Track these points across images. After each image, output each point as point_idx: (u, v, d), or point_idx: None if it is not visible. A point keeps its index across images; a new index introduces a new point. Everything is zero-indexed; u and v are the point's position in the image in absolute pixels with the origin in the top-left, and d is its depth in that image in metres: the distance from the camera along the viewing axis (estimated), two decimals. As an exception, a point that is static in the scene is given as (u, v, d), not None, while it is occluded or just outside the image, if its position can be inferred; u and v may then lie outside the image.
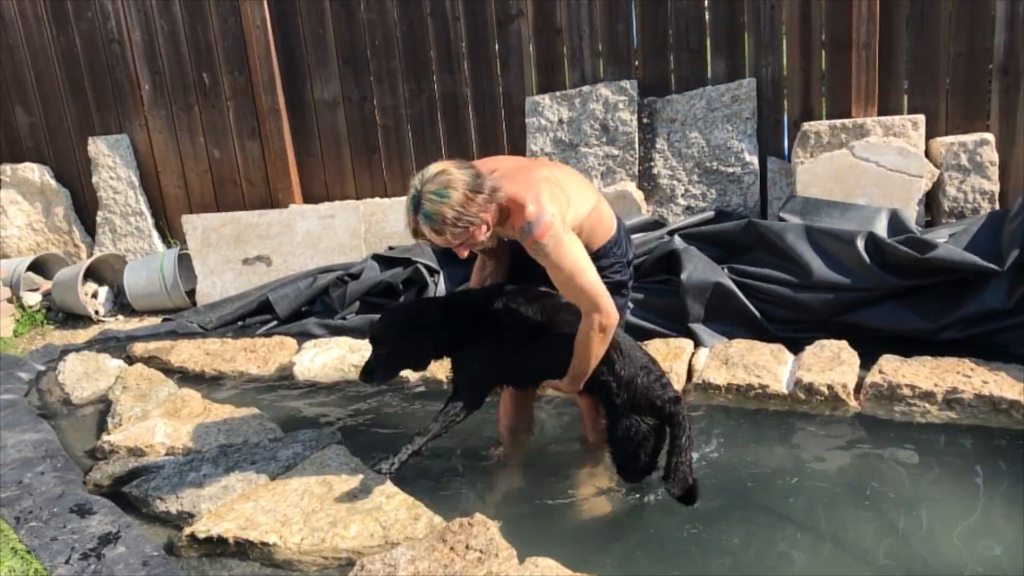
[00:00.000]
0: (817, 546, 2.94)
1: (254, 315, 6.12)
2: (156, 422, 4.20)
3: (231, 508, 3.34)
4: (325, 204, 6.59)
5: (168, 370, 5.19)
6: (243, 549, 3.13)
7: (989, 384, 3.77)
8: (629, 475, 3.33)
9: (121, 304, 6.93)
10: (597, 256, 3.40)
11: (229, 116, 6.87)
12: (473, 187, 3.00)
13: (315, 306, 6.02)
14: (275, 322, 5.97)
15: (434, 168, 3.03)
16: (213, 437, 4.03)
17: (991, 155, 5.14)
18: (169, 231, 7.24)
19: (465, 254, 3.20)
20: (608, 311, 3.13)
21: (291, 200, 6.76)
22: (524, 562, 2.76)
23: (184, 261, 6.68)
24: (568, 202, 3.20)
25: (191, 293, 6.61)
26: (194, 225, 6.60)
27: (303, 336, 5.61)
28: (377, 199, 6.56)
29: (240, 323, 6.10)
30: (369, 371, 3.43)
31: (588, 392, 3.40)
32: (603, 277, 3.28)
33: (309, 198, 6.83)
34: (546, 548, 2.91)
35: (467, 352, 3.40)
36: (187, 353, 5.38)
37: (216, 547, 3.16)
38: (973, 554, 2.81)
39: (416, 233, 3.07)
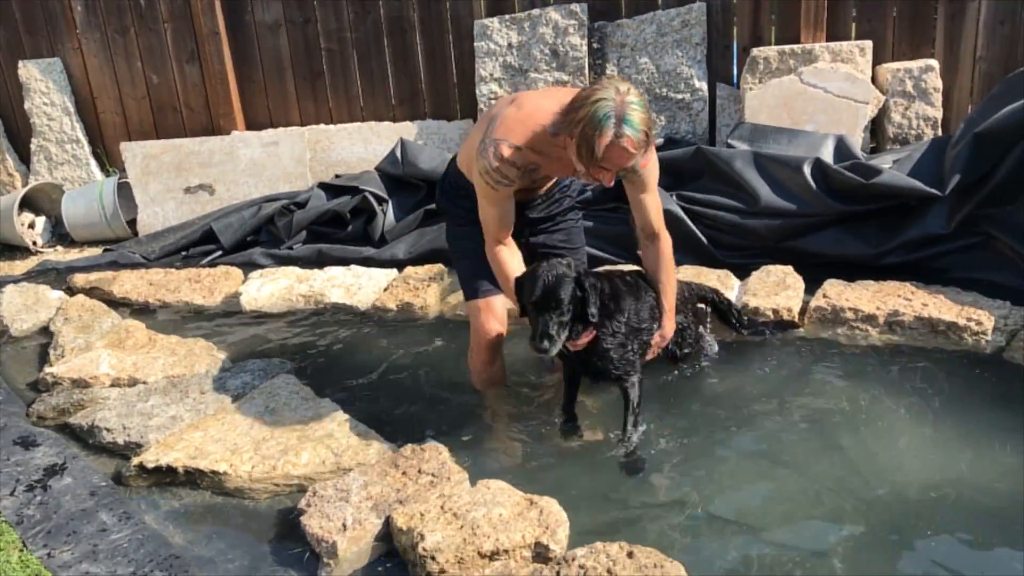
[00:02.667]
0: (763, 464, 3.01)
1: (198, 245, 6.01)
2: (100, 353, 4.13)
3: (180, 438, 3.31)
4: (269, 131, 6.45)
5: (111, 301, 5.09)
6: (193, 478, 3.11)
7: (929, 307, 3.86)
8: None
9: (60, 234, 6.76)
10: None
11: (167, 39, 6.64)
12: None
13: (260, 235, 5.94)
14: (219, 252, 5.87)
15: (618, 81, 2.72)
16: (160, 368, 3.98)
17: (935, 81, 5.19)
18: (107, 159, 7.03)
19: (612, 182, 2.90)
20: None
21: (233, 127, 6.59)
22: (476, 484, 2.79)
23: (124, 190, 6.51)
24: None
25: (132, 223, 6.46)
26: (133, 153, 6.42)
27: (249, 266, 5.54)
28: (322, 126, 6.43)
29: (183, 253, 6.00)
30: (549, 337, 2.92)
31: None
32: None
33: (252, 125, 6.67)
34: (497, 473, 2.95)
35: (617, 329, 3.15)
36: (130, 284, 5.28)
37: (165, 477, 3.14)
38: (911, 469, 2.90)
39: (605, 154, 2.70)
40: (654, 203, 3.19)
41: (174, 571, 2.58)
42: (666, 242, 3.26)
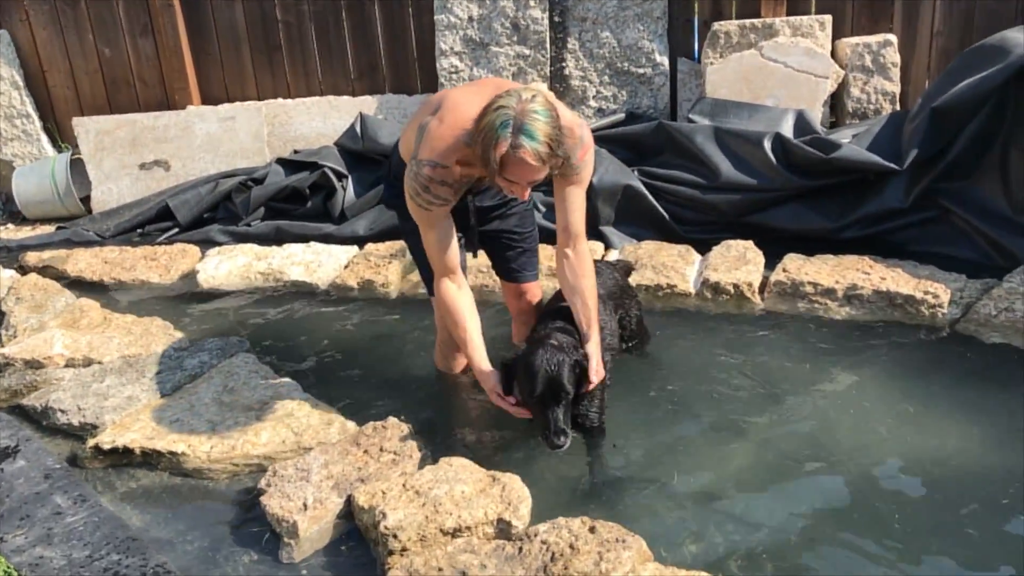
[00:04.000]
0: (724, 439, 3.02)
1: (153, 222, 5.92)
2: (54, 333, 4.05)
3: (136, 418, 3.26)
4: (225, 105, 6.33)
5: (64, 280, 5.00)
6: (150, 459, 3.07)
7: (886, 280, 3.90)
8: None
9: (11, 212, 6.61)
10: None
11: (119, 11, 6.47)
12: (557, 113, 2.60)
13: (218, 212, 5.85)
14: (176, 229, 5.78)
15: (522, 90, 2.56)
16: (115, 348, 3.91)
17: (894, 56, 5.22)
18: (59, 134, 6.86)
19: (527, 195, 2.72)
20: None
21: (189, 101, 6.47)
22: (438, 462, 2.77)
23: (77, 166, 6.37)
24: None
25: (86, 200, 6.33)
26: (86, 128, 6.28)
27: (206, 243, 5.46)
28: (280, 100, 6.33)
29: (139, 231, 5.91)
30: (564, 432, 2.75)
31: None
32: None
33: (208, 99, 6.54)
34: (459, 450, 2.95)
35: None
36: (84, 262, 5.18)
37: (122, 458, 3.09)
38: (868, 441, 2.94)
39: (503, 163, 2.53)
40: (581, 200, 2.96)
41: (131, 553, 2.54)
42: (587, 250, 3.03)
